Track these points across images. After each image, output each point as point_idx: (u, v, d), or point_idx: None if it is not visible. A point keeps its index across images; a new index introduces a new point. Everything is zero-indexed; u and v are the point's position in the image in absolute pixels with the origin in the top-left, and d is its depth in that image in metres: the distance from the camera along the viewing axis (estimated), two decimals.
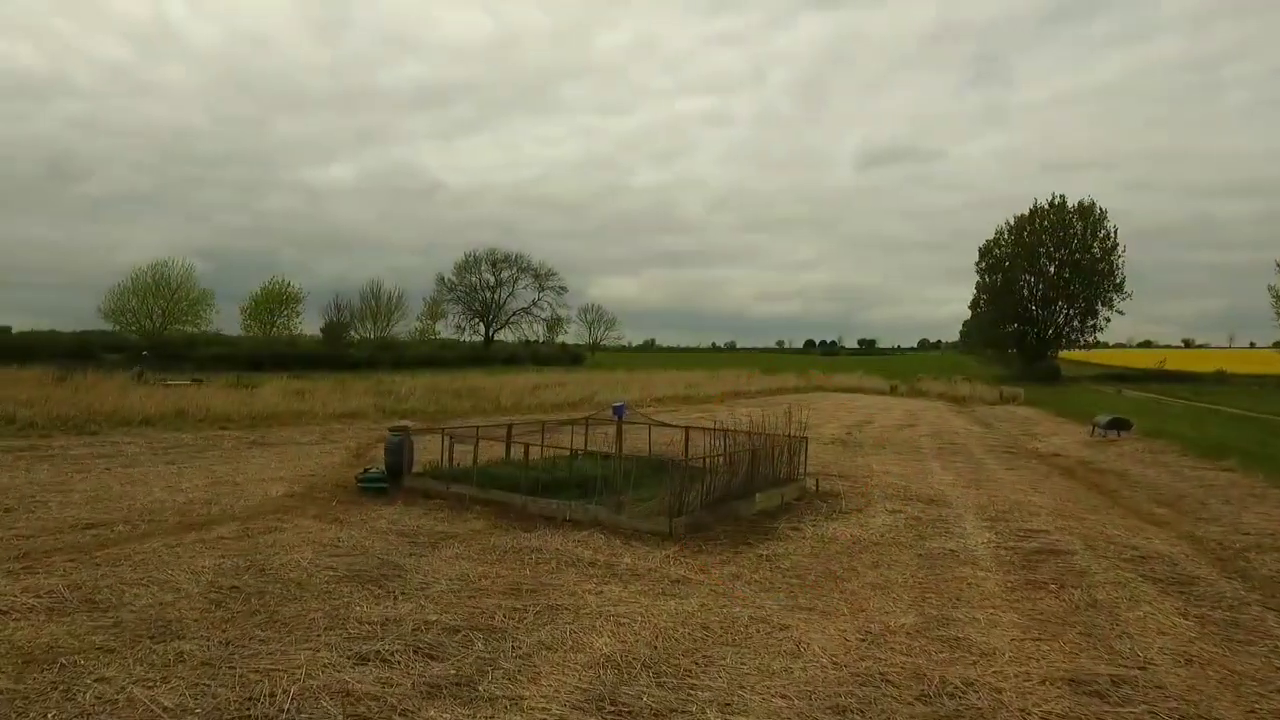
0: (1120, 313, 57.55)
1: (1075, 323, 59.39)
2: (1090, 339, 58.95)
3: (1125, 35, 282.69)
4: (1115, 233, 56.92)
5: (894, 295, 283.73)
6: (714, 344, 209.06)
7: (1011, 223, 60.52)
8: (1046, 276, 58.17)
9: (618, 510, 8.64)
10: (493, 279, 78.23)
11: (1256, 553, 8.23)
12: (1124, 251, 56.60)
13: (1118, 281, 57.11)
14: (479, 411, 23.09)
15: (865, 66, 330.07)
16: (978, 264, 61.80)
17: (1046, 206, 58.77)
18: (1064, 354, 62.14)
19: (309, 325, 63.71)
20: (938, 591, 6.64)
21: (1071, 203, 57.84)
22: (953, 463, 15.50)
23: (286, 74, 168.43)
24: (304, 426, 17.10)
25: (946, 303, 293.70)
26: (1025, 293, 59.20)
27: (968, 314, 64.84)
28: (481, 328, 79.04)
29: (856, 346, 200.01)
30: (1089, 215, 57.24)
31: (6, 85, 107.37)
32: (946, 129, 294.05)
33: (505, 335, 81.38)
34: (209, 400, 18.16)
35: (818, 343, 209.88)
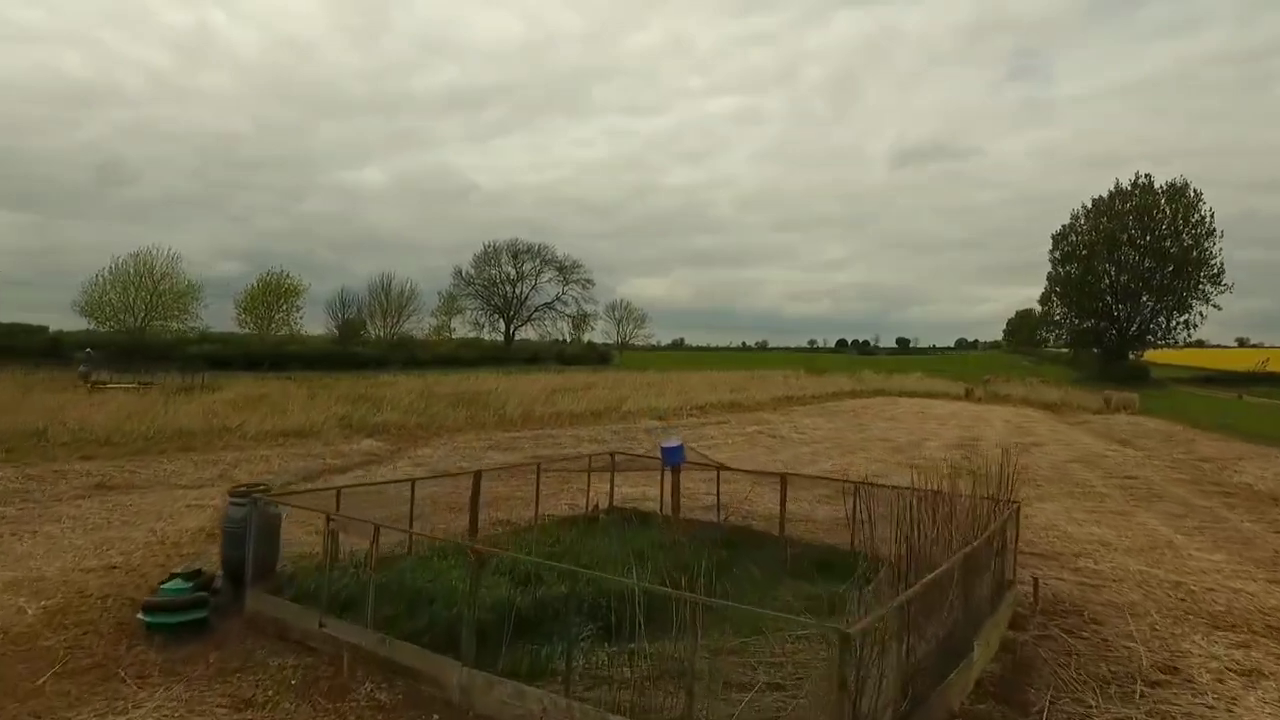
0: (1217, 307, 50.66)
1: (1161, 319, 52.59)
2: (1182, 336, 52.07)
3: (1168, 29, 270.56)
4: (1211, 216, 50.02)
5: (928, 294, 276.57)
6: (744, 343, 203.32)
7: (1089, 206, 53.94)
8: (1129, 266, 51.40)
9: None
10: (514, 271, 72.83)
11: None
12: (1221, 237, 49.78)
13: (1214, 271, 50.29)
14: (476, 424, 18.06)
15: (900, 63, 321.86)
16: (1050, 253, 55.19)
17: (1129, 187, 52.10)
18: (1148, 354, 55.16)
19: (319, 323, 59.42)
20: None
21: (1159, 183, 51.11)
22: (1178, 518, 10.04)
23: (325, 80, 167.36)
24: (212, 453, 12.15)
25: (983, 302, 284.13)
26: (1106, 283, 52.40)
27: (1009, 313, 58.59)
28: (502, 325, 73.97)
29: (894, 346, 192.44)
30: (1180, 197, 50.43)
31: (56, 94, 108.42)
32: (984, 125, 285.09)
33: (528, 333, 76.22)
34: (95, 414, 13.32)
35: (850, 342, 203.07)
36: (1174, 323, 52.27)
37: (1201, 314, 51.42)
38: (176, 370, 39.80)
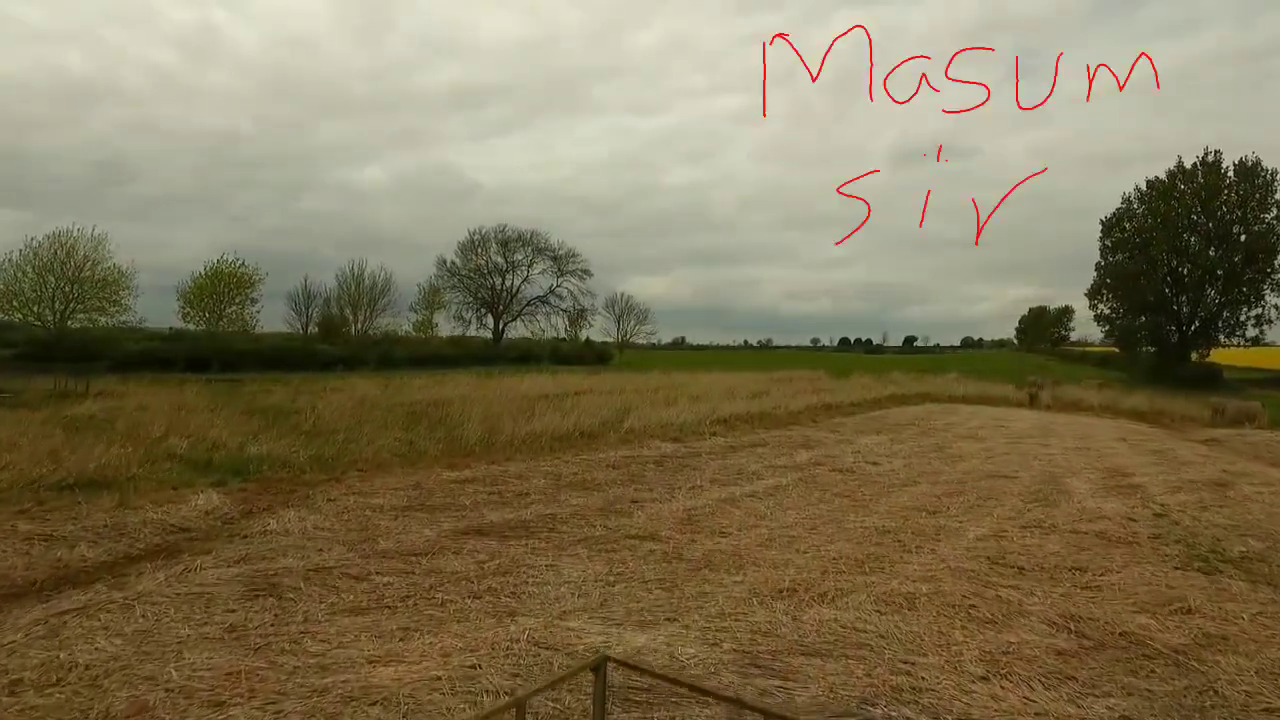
0: None
1: (1225, 314, 46.75)
2: (1256, 332, 46.28)
3: (1168, 29, 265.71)
4: None
5: (927, 293, 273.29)
6: (746, 341, 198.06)
7: (1143, 189, 48.09)
8: (1193, 255, 45.56)
9: None
10: (503, 261, 66.89)
11: None
12: None
13: None
14: (411, 456, 12.36)
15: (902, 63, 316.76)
16: (1100, 241, 49.42)
17: (1192, 167, 46.26)
18: (1214, 353, 49.34)
19: (284, 319, 53.57)
20: None
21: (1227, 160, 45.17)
22: None
23: (327, 78, 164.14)
24: None
25: (980, 300, 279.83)
26: (1164, 273, 46.55)
27: (1007, 311, 52.76)
28: (490, 320, 67.94)
29: (901, 345, 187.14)
30: (1254, 177, 44.64)
31: (58, 91, 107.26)
32: (985, 125, 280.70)
33: (520, 330, 70.27)
34: None
35: (854, 340, 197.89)
36: (1243, 317, 46.45)
37: (1276, 306, 45.63)
38: (106, 369, 34.38)
